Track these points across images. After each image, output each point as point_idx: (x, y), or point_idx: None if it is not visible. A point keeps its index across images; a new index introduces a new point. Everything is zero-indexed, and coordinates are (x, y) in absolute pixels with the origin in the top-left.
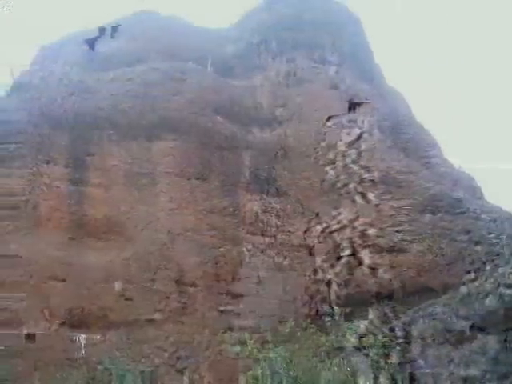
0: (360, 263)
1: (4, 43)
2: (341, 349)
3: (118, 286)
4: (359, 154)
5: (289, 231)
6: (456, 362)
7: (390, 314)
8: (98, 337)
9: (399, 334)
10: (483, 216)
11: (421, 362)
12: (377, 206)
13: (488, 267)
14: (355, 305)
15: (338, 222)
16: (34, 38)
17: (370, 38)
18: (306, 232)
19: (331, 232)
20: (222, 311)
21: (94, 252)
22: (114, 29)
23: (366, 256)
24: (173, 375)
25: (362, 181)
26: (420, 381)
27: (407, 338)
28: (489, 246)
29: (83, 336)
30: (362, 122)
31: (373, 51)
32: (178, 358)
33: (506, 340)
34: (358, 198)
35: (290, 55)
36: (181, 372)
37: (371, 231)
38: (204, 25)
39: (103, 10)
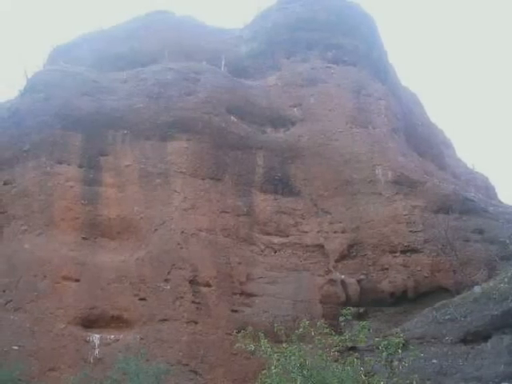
0: (374, 263)
1: (17, 43)
2: (354, 348)
3: None
4: (373, 154)
5: (302, 231)
6: (470, 361)
7: (404, 314)
8: (112, 337)
9: (413, 333)
10: (497, 216)
11: (435, 361)
12: (390, 205)
13: (502, 267)
14: (369, 304)
15: (352, 222)
16: (47, 37)
17: (383, 38)
18: (319, 232)
19: (344, 232)
20: (235, 311)
21: (108, 252)
22: None
23: (379, 256)
24: (187, 374)
25: (375, 181)
26: (434, 380)
27: (421, 338)
28: (502, 246)
29: (97, 336)
30: (376, 122)
31: (387, 51)
32: (191, 358)
33: None
34: (372, 198)
35: (303, 55)
36: (195, 371)
37: (385, 231)
38: (218, 25)
39: (117, 10)
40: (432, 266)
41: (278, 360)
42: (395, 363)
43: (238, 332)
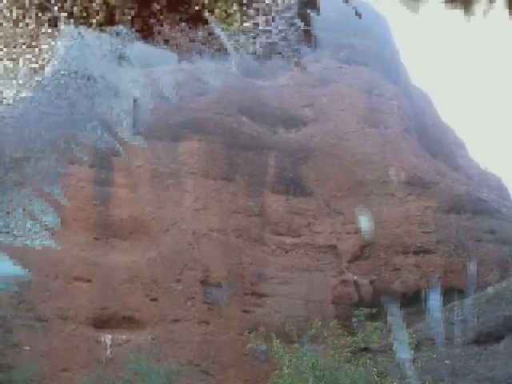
0: (386, 264)
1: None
2: (367, 349)
3: None
4: (385, 155)
5: (315, 231)
6: (482, 362)
7: (416, 315)
8: (124, 337)
9: (425, 334)
10: (510, 217)
11: (447, 362)
12: (403, 206)
13: None
14: (381, 305)
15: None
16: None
17: (395, 37)
18: (331, 232)
19: (357, 232)
20: (247, 311)
21: (120, 252)
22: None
23: (392, 256)
24: (198, 375)
25: (388, 181)
26: (447, 381)
27: (434, 339)
28: None
29: (109, 336)
30: (388, 122)
31: (399, 50)
32: (203, 358)
33: None
34: (384, 199)
35: (315, 55)
36: (206, 372)
37: (397, 232)
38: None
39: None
40: (445, 266)
41: (290, 360)
42: (408, 364)
43: (250, 332)
